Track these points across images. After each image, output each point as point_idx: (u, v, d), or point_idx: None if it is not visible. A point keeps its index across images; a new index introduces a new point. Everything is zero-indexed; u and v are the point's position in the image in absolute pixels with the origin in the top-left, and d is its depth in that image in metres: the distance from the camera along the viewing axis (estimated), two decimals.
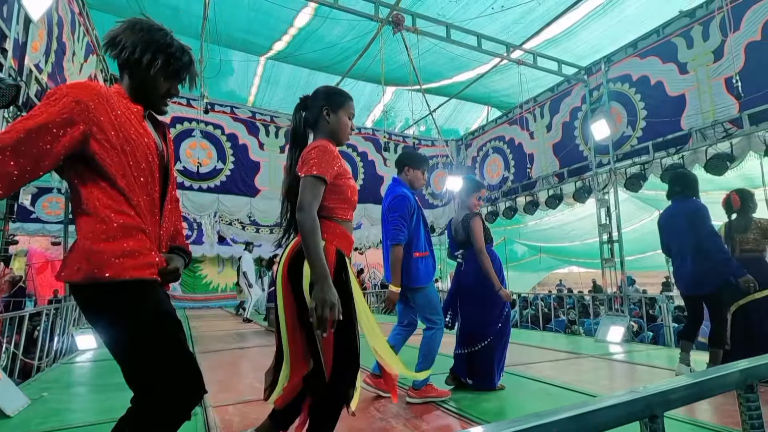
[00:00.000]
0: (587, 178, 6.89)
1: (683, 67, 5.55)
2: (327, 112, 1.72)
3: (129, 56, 1.22)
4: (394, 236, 2.71)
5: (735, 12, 4.93)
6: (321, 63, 7.41)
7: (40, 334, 4.63)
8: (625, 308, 6.10)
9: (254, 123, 7.96)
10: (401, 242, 2.71)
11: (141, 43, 1.22)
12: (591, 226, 7.66)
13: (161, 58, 1.24)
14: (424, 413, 2.57)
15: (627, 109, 6.30)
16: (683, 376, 0.76)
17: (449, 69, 7.53)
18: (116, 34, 1.23)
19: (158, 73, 1.25)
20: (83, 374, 4.14)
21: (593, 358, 4.48)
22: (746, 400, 0.84)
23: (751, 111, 4.85)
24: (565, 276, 19.34)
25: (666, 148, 5.75)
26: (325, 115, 1.72)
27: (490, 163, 9.07)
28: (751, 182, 6.96)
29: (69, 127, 1.09)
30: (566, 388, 3.09)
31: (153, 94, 1.27)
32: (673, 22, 5.67)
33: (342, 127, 1.73)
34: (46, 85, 3.87)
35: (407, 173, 2.95)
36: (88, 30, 5.21)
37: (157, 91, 1.28)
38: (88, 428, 2.38)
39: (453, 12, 5.92)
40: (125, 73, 1.27)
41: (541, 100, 7.84)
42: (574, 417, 0.61)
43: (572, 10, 5.73)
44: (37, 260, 13.43)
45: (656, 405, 0.68)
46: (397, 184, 2.95)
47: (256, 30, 6.43)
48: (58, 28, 4.14)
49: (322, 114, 1.72)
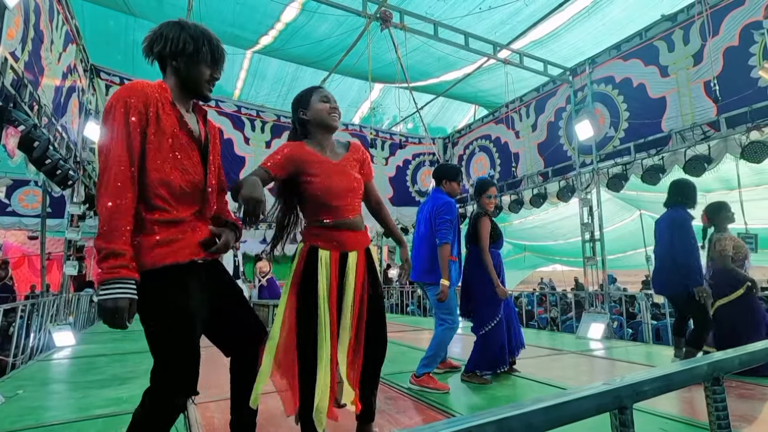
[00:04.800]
0: (571, 177, 7.00)
1: (664, 70, 5.68)
2: (303, 113, 1.81)
3: (178, 48, 1.34)
4: (444, 236, 2.97)
5: (714, 17, 5.06)
6: (308, 58, 7.35)
7: (15, 331, 4.51)
8: (606, 306, 6.23)
9: (240, 117, 7.86)
10: (449, 242, 2.97)
11: (188, 36, 1.35)
12: (574, 226, 7.79)
13: (206, 47, 1.37)
14: (408, 409, 2.59)
15: (610, 111, 6.42)
16: (653, 369, 0.78)
17: (436, 68, 7.56)
18: (162, 31, 1.35)
19: (203, 60, 1.37)
20: (60, 371, 4.04)
21: (574, 354, 4.57)
22: (713, 392, 0.87)
23: (728, 114, 4.99)
24: (548, 274, 19.63)
25: (647, 149, 5.88)
26: (303, 117, 1.81)
27: (476, 161, 9.14)
28: (728, 184, 7.18)
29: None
30: (548, 384, 3.15)
31: (200, 82, 1.39)
32: (656, 26, 5.79)
33: (317, 113, 1.78)
34: (22, 74, 3.76)
35: (445, 185, 3.25)
36: (67, 18, 5.06)
37: (203, 77, 1.39)
38: (65, 426, 2.33)
39: (441, 10, 5.94)
40: (171, 66, 1.37)
41: (527, 100, 7.93)
42: (548, 408, 0.63)
43: (558, 12, 5.81)
44: (13, 255, 13.06)
45: (626, 397, 0.70)
46: (440, 193, 3.23)
47: (242, 24, 6.35)
48: (35, 15, 4.02)
49: (301, 117, 1.81)
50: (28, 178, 9.29)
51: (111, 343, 5.45)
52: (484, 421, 0.56)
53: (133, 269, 1.18)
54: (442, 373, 3.44)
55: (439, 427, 0.54)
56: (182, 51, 1.33)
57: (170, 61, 1.35)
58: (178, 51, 1.33)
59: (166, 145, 1.28)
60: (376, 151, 9.22)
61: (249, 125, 7.99)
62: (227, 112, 7.67)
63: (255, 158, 7.86)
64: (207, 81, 1.40)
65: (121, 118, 1.22)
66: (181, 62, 1.35)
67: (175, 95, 1.37)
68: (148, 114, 1.26)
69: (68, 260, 5.99)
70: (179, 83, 1.37)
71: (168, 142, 1.29)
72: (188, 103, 1.43)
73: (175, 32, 1.34)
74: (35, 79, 4.15)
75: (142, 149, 1.25)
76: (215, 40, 1.40)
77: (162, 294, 1.26)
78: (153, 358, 1.29)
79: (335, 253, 1.72)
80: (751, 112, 4.77)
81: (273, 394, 2.80)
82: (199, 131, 1.41)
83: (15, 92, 3.62)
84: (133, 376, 3.46)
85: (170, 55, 1.34)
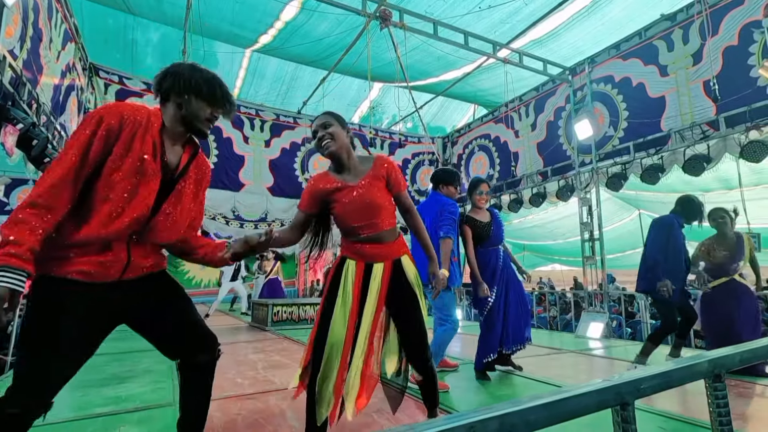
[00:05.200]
0: (570, 177, 7.00)
1: (664, 70, 5.68)
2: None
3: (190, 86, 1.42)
4: (448, 230, 3.02)
5: (713, 17, 5.07)
6: (307, 57, 7.34)
7: (14, 329, 4.49)
8: (605, 305, 6.23)
9: (239, 116, 7.85)
10: (452, 237, 3.02)
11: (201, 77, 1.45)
12: (573, 225, 7.80)
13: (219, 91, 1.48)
14: (406, 408, 2.59)
15: (609, 110, 6.42)
16: (654, 366, 0.78)
17: (436, 68, 7.55)
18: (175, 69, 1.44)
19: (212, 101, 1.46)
20: None
21: (573, 353, 4.57)
22: (714, 389, 0.87)
23: (727, 114, 5.00)
24: (548, 274, 19.63)
25: (646, 148, 5.88)
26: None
27: (475, 160, 9.14)
28: (727, 184, 7.18)
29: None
30: (547, 383, 3.15)
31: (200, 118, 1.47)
32: (655, 25, 5.79)
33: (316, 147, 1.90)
34: (21, 72, 3.75)
35: (442, 189, 3.30)
36: (66, 17, 5.05)
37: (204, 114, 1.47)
38: (63, 424, 2.33)
39: (440, 9, 5.93)
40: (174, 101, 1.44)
41: (527, 99, 7.93)
42: (549, 404, 0.62)
43: (557, 11, 5.80)
44: None
45: (627, 393, 0.70)
46: (440, 196, 3.27)
47: (242, 22, 6.33)
48: (33, 13, 4.01)
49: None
50: (27, 176, 9.26)
51: (110, 342, 5.43)
52: (486, 417, 0.56)
53: (27, 261, 1.15)
54: (439, 371, 3.44)
55: (440, 423, 0.54)
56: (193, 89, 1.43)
57: (174, 97, 1.43)
58: (189, 89, 1.42)
59: (129, 166, 1.31)
60: (375, 150, 9.22)
61: (248, 124, 7.98)
62: None
63: (254, 157, 7.85)
64: (207, 119, 1.48)
65: (89, 129, 1.27)
66: (188, 98, 1.43)
67: (169, 127, 1.43)
68: (120, 132, 1.31)
69: None
70: (179, 117, 1.44)
71: (133, 163, 1.31)
72: (181, 137, 1.48)
73: (189, 72, 1.44)
74: (34, 78, 4.14)
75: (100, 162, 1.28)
76: (226, 86, 1.52)
77: (40, 303, 1.27)
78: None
79: (360, 263, 1.86)
80: (750, 111, 4.78)
81: (273, 393, 2.80)
82: (177, 165, 1.46)
83: (14, 90, 3.61)
84: (131, 375, 3.46)
85: (178, 91, 1.42)
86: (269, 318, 6.41)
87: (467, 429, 0.54)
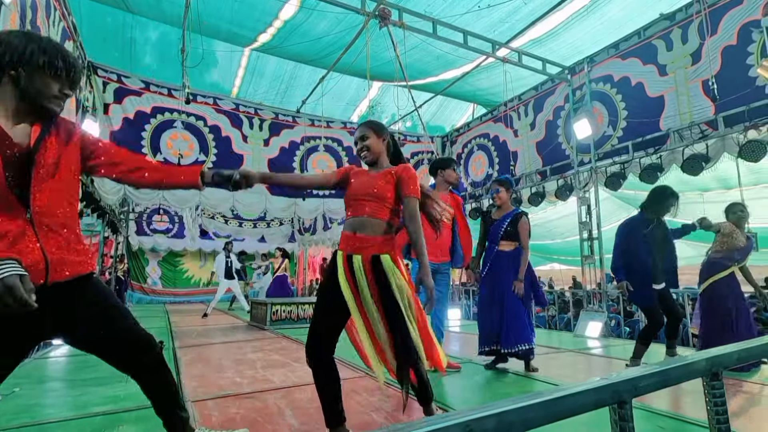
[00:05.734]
0: (569, 176, 7.01)
1: (663, 69, 5.68)
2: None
3: (23, 58, 1.27)
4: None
5: (712, 16, 5.07)
6: (307, 56, 7.33)
7: None
8: (603, 304, 6.24)
9: (238, 115, 7.84)
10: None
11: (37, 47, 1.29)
12: (572, 225, 7.80)
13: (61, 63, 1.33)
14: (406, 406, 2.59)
15: (608, 109, 6.43)
16: (651, 364, 0.78)
17: (435, 67, 7.54)
18: (3, 38, 1.28)
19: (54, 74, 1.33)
20: (58, 369, 4.03)
21: (572, 352, 4.57)
22: (711, 387, 0.87)
23: (726, 113, 5.00)
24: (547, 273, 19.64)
25: (645, 148, 5.89)
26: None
27: (474, 159, 9.14)
28: (725, 183, 7.18)
29: None
30: (545, 382, 3.16)
31: (44, 95, 1.33)
32: (654, 25, 5.80)
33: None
34: None
35: (440, 175, 3.47)
36: (64, 15, 5.04)
37: (51, 91, 1.34)
38: (62, 423, 2.32)
39: (440, 8, 5.93)
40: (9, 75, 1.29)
41: (526, 99, 7.93)
42: (546, 402, 0.62)
43: (557, 10, 5.80)
44: None
45: (624, 391, 0.70)
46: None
47: (240, 21, 6.32)
48: (31, 11, 4.00)
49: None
50: None
51: None
52: (483, 415, 0.56)
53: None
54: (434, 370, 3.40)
55: (437, 421, 0.54)
56: (27, 61, 1.28)
57: (9, 70, 1.28)
58: (22, 61, 1.27)
59: None
60: None
61: (247, 123, 7.97)
62: (225, 109, 7.65)
63: (253, 156, 7.84)
64: (54, 96, 1.35)
65: None
66: (24, 72, 1.29)
67: (6, 105, 1.30)
68: None
69: None
70: (16, 93, 1.30)
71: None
72: (23, 114, 1.33)
73: (21, 41, 1.28)
74: None
75: None
76: (71, 57, 1.38)
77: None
78: None
79: (344, 255, 1.91)
80: (749, 111, 4.78)
81: (271, 392, 2.80)
82: (27, 143, 1.31)
83: None
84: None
85: (9, 64, 1.27)
86: (268, 317, 6.41)
87: (464, 427, 0.54)
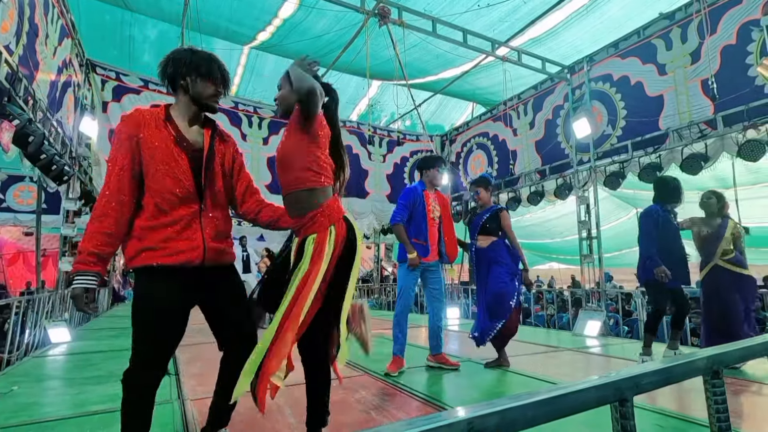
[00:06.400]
0: (568, 175, 7.01)
1: (662, 69, 5.68)
2: None
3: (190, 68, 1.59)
4: (391, 218, 3.42)
5: (712, 15, 5.07)
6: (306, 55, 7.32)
7: (10, 327, 4.47)
8: (602, 303, 6.25)
9: (237, 113, 7.82)
10: (396, 222, 3.37)
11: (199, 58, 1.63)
12: (571, 224, 7.81)
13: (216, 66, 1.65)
14: (404, 404, 2.59)
15: (608, 109, 6.42)
16: (652, 362, 0.78)
17: (434, 66, 7.54)
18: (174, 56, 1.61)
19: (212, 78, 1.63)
20: (56, 368, 4.02)
21: (571, 351, 4.58)
22: (712, 385, 0.87)
23: (725, 113, 5.01)
24: (546, 272, 19.67)
25: (644, 147, 5.89)
26: None
27: (474, 158, 9.14)
28: (724, 183, 7.20)
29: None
30: (544, 380, 3.16)
31: (205, 95, 1.63)
32: (653, 24, 5.79)
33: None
34: (17, 68, 3.72)
35: (425, 175, 3.54)
36: (62, 12, 5.01)
37: (209, 91, 1.63)
38: (60, 422, 2.32)
39: (439, 7, 5.92)
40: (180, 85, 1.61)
41: (525, 98, 7.92)
42: (548, 400, 0.62)
43: (556, 9, 5.80)
44: (8, 251, 12.97)
45: (626, 389, 0.70)
46: (420, 184, 3.52)
47: (240, 19, 6.31)
48: (29, 8, 3.98)
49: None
50: (24, 173, 9.20)
51: (107, 339, 5.43)
52: (486, 413, 0.55)
53: (90, 263, 1.44)
54: (439, 368, 3.44)
55: (439, 419, 0.54)
56: (193, 70, 1.58)
57: (180, 80, 1.58)
58: (190, 71, 1.58)
59: (158, 156, 1.51)
60: (374, 148, 9.20)
61: (246, 121, 7.95)
62: (224, 108, 7.61)
63: (252, 155, 7.82)
64: (212, 95, 1.63)
65: (119, 141, 1.51)
66: (190, 80, 1.58)
67: (179, 111, 1.60)
68: (139, 134, 1.51)
69: (64, 256, 5.96)
70: (188, 99, 1.60)
71: (158, 153, 1.51)
72: (195, 117, 1.63)
73: (186, 56, 1.59)
74: (30, 74, 4.11)
75: (139, 162, 1.51)
76: (223, 63, 1.69)
77: (136, 288, 1.58)
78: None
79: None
80: (748, 110, 4.79)
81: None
82: (202, 143, 1.62)
83: (9, 86, 3.58)
84: None
85: (180, 75, 1.58)
86: (267, 316, 6.40)
87: (466, 424, 0.53)
